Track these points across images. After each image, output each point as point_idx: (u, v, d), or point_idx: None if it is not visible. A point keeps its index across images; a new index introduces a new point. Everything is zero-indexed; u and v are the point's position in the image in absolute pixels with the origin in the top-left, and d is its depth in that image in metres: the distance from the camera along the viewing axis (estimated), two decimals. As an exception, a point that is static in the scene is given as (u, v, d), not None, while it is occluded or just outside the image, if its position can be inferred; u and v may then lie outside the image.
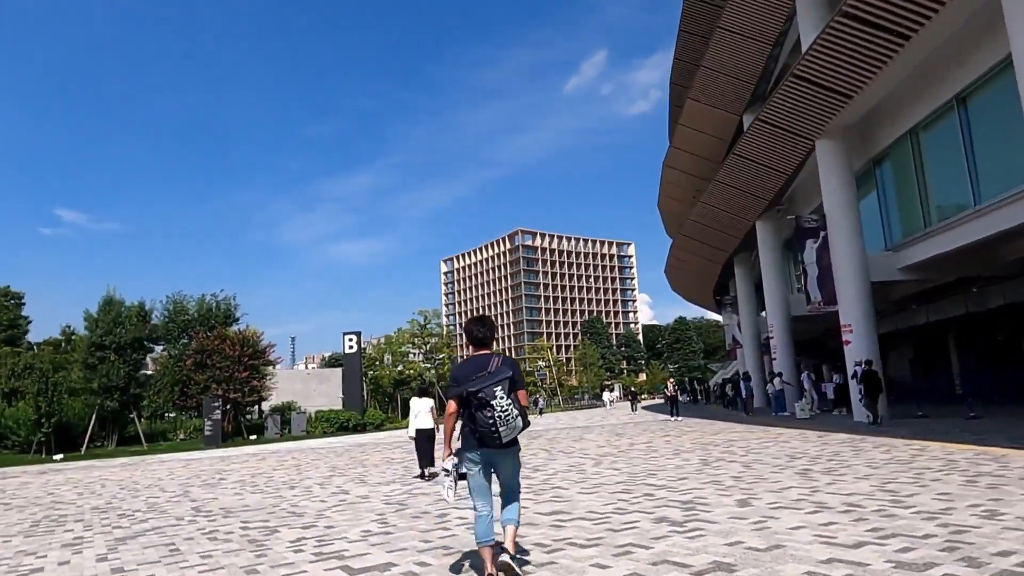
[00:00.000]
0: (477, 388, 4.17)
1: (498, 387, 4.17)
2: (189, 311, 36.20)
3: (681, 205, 40.70)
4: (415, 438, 11.15)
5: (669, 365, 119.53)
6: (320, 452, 19.96)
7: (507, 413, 4.15)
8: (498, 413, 4.13)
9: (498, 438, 4.17)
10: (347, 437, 29.57)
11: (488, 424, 4.14)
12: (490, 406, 4.13)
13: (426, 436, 11.09)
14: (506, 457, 4.38)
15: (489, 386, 4.16)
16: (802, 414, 20.48)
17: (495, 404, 4.13)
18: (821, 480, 7.93)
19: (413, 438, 11.19)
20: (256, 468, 15.49)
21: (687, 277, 43.12)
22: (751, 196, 25.29)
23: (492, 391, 4.15)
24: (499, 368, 4.29)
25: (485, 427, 4.15)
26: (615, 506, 7.12)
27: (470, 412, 4.24)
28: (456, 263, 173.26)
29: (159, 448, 27.37)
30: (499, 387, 4.18)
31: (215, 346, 29.85)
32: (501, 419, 4.13)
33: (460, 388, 4.29)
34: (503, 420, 4.14)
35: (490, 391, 4.15)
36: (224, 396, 29.19)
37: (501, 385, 4.19)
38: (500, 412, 4.13)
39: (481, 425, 4.16)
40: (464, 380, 4.31)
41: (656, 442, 15.47)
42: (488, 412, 4.13)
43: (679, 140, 33.39)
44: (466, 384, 4.26)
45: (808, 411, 20.50)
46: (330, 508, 8.36)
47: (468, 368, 4.39)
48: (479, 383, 4.20)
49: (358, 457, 16.87)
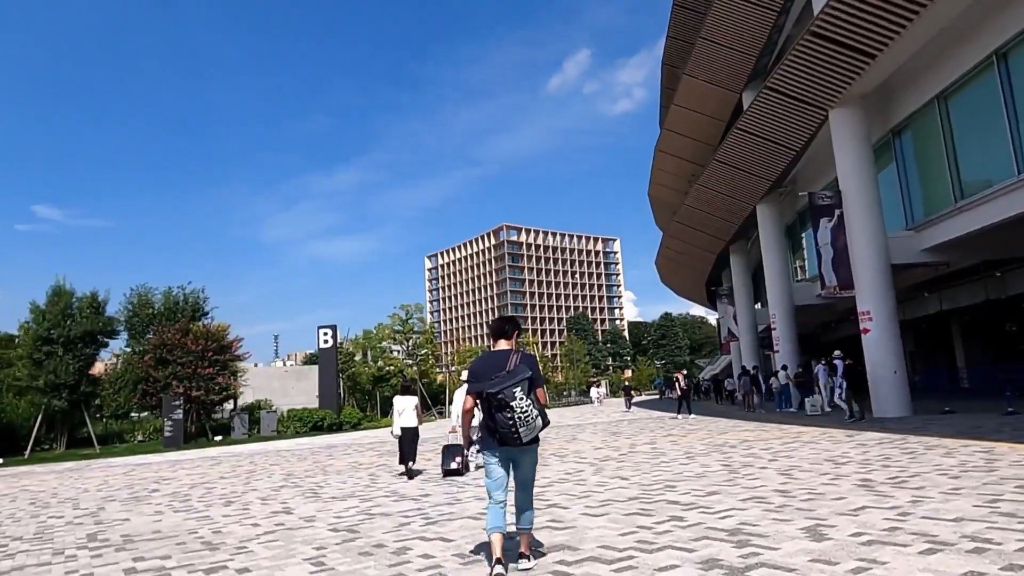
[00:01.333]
0: (497, 389, 4.12)
1: (517, 388, 4.13)
2: (154, 305, 33.89)
3: (673, 193, 38.96)
4: (400, 437, 10.64)
5: (655, 361, 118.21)
6: (284, 455, 17.94)
7: (527, 414, 4.13)
8: (518, 414, 4.10)
9: (518, 438, 4.15)
10: (320, 437, 27.53)
11: (508, 425, 4.12)
12: (509, 407, 4.09)
13: (411, 435, 10.64)
14: (525, 454, 4.38)
15: (508, 387, 4.12)
16: (813, 410, 18.77)
17: (515, 406, 4.09)
18: (898, 497, 6.10)
19: (398, 436, 10.67)
20: (203, 475, 13.46)
21: (679, 269, 41.40)
22: (753, 176, 23.54)
23: (511, 392, 4.11)
24: (518, 367, 4.24)
25: (505, 428, 4.13)
26: (636, 537, 5.24)
27: (489, 411, 4.21)
28: (440, 259, 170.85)
29: (113, 451, 25.17)
30: (518, 388, 4.13)
31: (176, 341, 27.64)
32: (521, 420, 4.11)
33: (479, 385, 4.29)
34: (523, 421, 4.11)
35: (509, 392, 4.10)
36: (186, 394, 27.00)
37: (520, 386, 4.14)
38: (520, 413, 4.10)
39: (501, 426, 4.14)
40: (482, 377, 4.29)
41: (661, 443, 13.63)
42: (508, 413, 4.10)
43: (672, 121, 31.61)
44: (484, 382, 4.23)
45: (820, 407, 18.79)
46: (259, 536, 6.41)
47: (487, 364, 4.37)
48: (498, 383, 4.15)
49: (322, 462, 14.88)
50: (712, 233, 30.74)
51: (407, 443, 10.60)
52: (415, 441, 10.71)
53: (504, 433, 4.15)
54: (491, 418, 4.20)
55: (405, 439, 10.62)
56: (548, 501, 7.18)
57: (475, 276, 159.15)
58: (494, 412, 4.15)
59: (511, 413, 4.08)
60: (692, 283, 44.29)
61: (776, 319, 24.77)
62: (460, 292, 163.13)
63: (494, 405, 4.14)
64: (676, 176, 37.29)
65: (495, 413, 4.14)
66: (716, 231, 30.11)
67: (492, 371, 4.26)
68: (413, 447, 10.65)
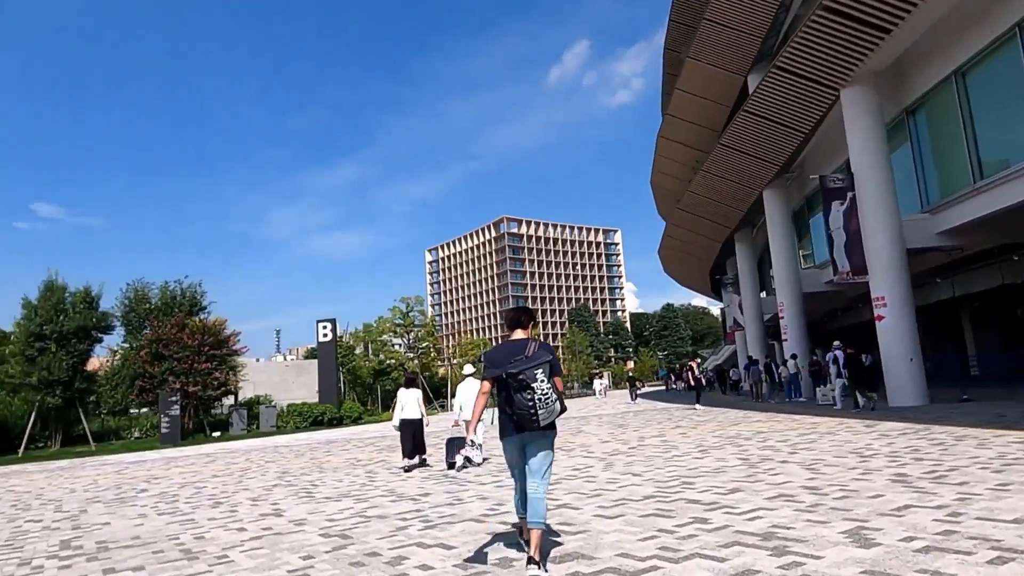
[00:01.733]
0: (518, 370, 4.08)
1: (539, 370, 4.09)
2: (151, 300, 33.35)
3: (676, 181, 38.34)
4: (399, 429, 10.58)
5: (658, 352, 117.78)
6: (281, 451, 17.45)
7: (547, 396, 4.08)
8: (538, 396, 4.05)
9: (536, 421, 4.10)
10: (320, 432, 27.06)
11: (528, 406, 4.06)
12: (530, 388, 4.06)
13: (414, 427, 10.53)
14: (540, 440, 4.32)
15: (529, 368, 4.09)
16: (824, 399, 18.22)
17: (535, 387, 4.05)
18: (942, 494, 5.57)
19: (398, 428, 10.60)
20: (195, 474, 12.96)
21: (683, 258, 40.79)
22: (760, 161, 22.94)
23: (533, 373, 4.07)
24: (537, 352, 4.23)
25: (524, 409, 4.08)
26: (659, 542, 4.71)
27: (508, 395, 4.18)
28: (441, 252, 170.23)
29: (109, 448, 24.69)
30: (539, 370, 4.10)
31: (172, 335, 27.12)
32: (540, 402, 4.06)
33: (497, 370, 4.22)
34: (542, 403, 4.07)
35: (531, 373, 4.07)
36: (183, 390, 26.50)
37: (542, 368, 4.11)
38: (540, 395, 4.06)
39: (520, 407, 4.09)
40: (500, 363, 4.24)
41: (670, 435, 13.11)
42: (528, 394, 4.06)
43: (675, 107, 30.96)
44: (503, 367, 4.18)
45: (832, 397, 18.25)
46: (244, 543, 5.89)
47: (504, 351, 4.34)
48: (519, 365, 4.11)
49: (320, 459, 14.38)
50: (717, 220, 30.15)
51: (408, 436, 10.48)
52: (420, 432, 10.62)
53: (522, 415, 4.09)
54: (509, 401, 4.16)
55: (405, 432, 10.49)
56: (558, 500, 6.66)
57: (476, 269, 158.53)
58: (514, 393, 4.10)
59: (531, 394, 4.04)
60: (696, 272, 43.71)
61: (784, 307, 24.22)
62: (461, 285, 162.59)
63: (514, 386, 4.09)
64: (679, 164, 36.66)
65: (515, 394, 4.09)
66: (721, 218, 29.52)
67: (510, 357, 4.23)
68: (420, 439, 10.61)
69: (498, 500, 7.07)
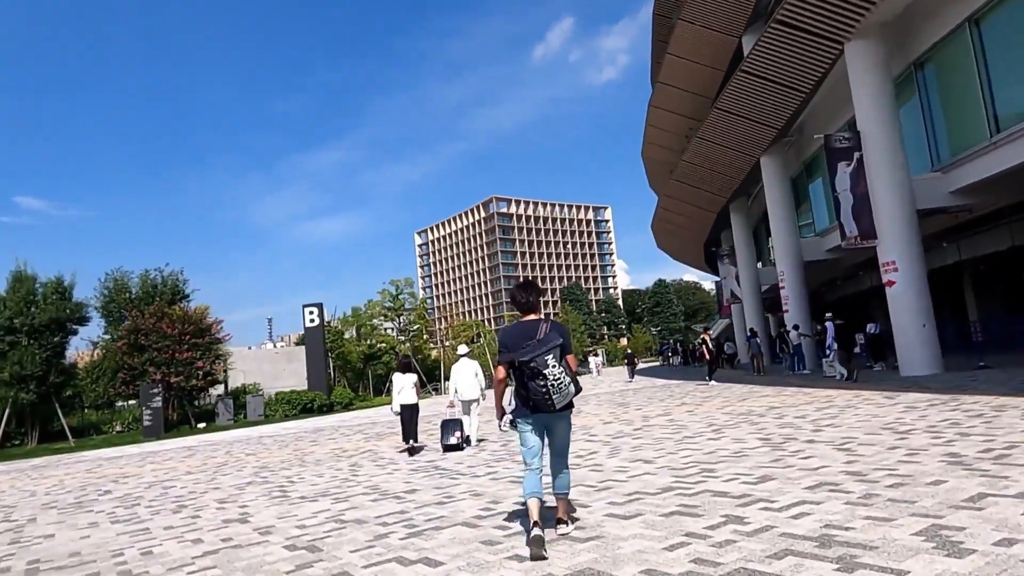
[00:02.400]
0: (529, 358, 4.06)
1: (549, 355, 4.07)
2: (131, 289, 32.20)
3: (668, 152, 37.35)
4: (400, 413, 10.72)
5: (651, 328, 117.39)
6: (264, 442, 16.57)
7: (559, 381, 4.06)
8: (551, 382, 4.04)
9: (552, 405, 4.11)
10: (309, 420, 26.22)
11: (541, 393, 4.06)
12: (542, 375, 4.04)
13: (410, 411, 10.67)
14: (559, 420, 4.34)
15: (540, 355, 4.05)
16: (830, 371, 17.46)
17: (547, 373, 4.04)
18: (1017, 479, 4.72)
19: (398, 413, 10.75)
20: (169, 471, 12.06)
21: (677, 231, 39.94)
22: (758, 125, 21.99)
23: (544, 360, 4.05)
24: (548, 335, 4.19)
25: (539, 396, 4.08)
26: (689, 551, 3.83)
27: (521, 379, 4.15)
28: (430, 234, 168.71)
29: (88, 444, 23.75)
30: (550, 355, 4.07)
31: (151, 325, 26.06)
32: (554, 387, 4.05)
33: (510, 355, 4.21)
34: (556, 388, 4.05)
35: (542, 360, 4.05)
36: (164, 381, 25.52)
37: (552, 353, 4.08)
38: (553, 380, 4.04)
39: (534, 394, 4.09)
40: (513, 346, 4.23)
41: (676, 413, 12.30)
42: (541, 381, 4.04)
43: (667, 74, 29.87)
44: (516, 351, 4.16)
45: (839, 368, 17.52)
46: (194, 560, 4.99)
47: (516, 334, 4.29)
48: (530, 351, 4.08)
49: (303, 449, 13.50)
50: (712, 191, 29.24)
51: (406, 419, 10.62)
52: (415, 417, 10.71)
53: (537, 401, 4.11)
54: (524, 386, 4.15)
55: (404, 416, 10.64)
56: (561, 496, 5.78)
57: (466, 250, 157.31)
58: (527, 380, 4.10)
59: (544, 381, 4.03)
60: (690, 246, 42.91)
61: (784, 276, 23.43)
62: (452, 267, 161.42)
63: (527, 374, 4.08)
64: (671, 134, 35.64)
65: (528, 381, 4.09)
66: (717, 188, 28.61)
67: (522, 340, 4.20)
68: (414, 424, 10.66)
69: (493, 497, 6.21)
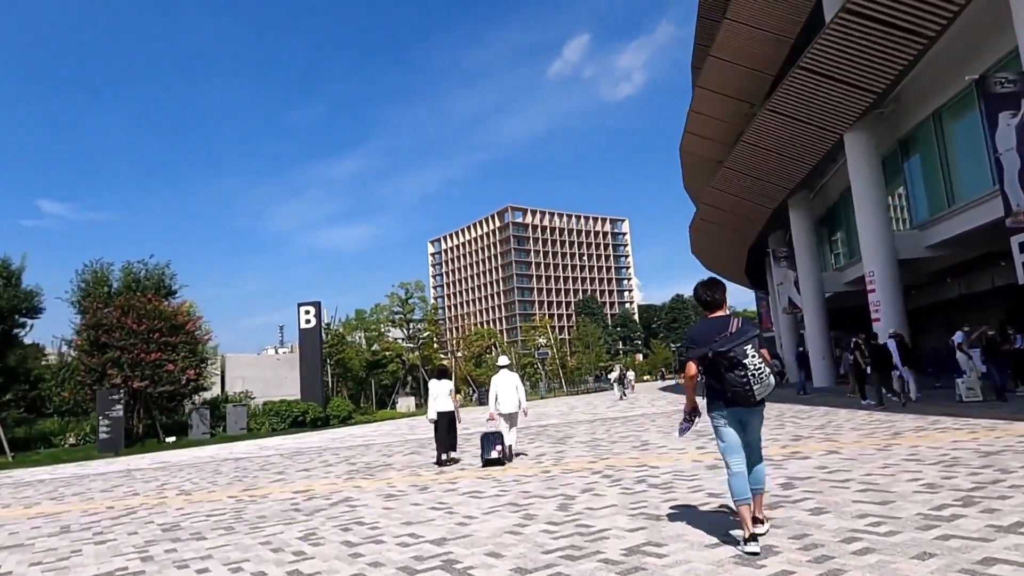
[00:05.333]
0: (727, 348, 3.98)
1: (748, 346, 4.00)
2: (111, 282, 28.52)
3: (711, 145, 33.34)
4: (436, 421, 10.27)
5: (670, 344, 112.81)
6: (223, 469, 12.58)
7: (760, 371, 3.99)
8: (751, 371, 3.97)
9: (752, 396, 4.01)
10: (297, 436, 22.26)
11: (742, 383, 3.99)
12: (742, 365, 3.97)
13: (447, 419, 10.26)
14: (754, 414, 4.24)
15: (739, 345, 3.98)
16: (971, 394, 13.23)
17: (747, 363, 3.97)
18: None
19: (434, 421, 10.31)
20: (64, 513, 8.06)
21: (719, 231, 35.57)
22: (849, 88, 17.92)
23: (743, 350, 3.98)
24: (741, 328, 4.08)
25: (739, 386, 4.00)
26: None
27: (717, 372, 4.08)
28: (444, 243, 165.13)
29: (30, 459, 19.84)
30: (749, 346, 4.00)
31: (116, 320, 22.25)
32: (755, 377, 3.98)
33: (702, 349, 4.12)
34: (757, 378, 3.99)
35: (741, 350, 3.97)
36: (127, 386, 21.65)
37: (751, 343, 4.02)
38: (753, 370, 3.97)
39: (734, 384, 4.01)
40: (704, 342, 4.15)
41: (836, 462, 8.15)
42: (741, 371, 3.98)
43: (723, 44, 25.87)
44: (708, 345, 4.09)
45: (977, 389, 13.30)
46: None
47: (706, 330, 4.23)
48: (727, 343, 4.01)
49: (259, 487, 9.48)
50: (772, 181, 25.10)
51: (443, 428, 10.20)
52: (452, 425, 10.34)
53: (737, 392, 4.01)
54: (719, 379, 4.07)
55: (441, 424, 10.22)
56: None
57: (480, 260, 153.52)
58: (724, 372, 4.01)
59: (744, 371, 3.97)
60: (730, 251, 38.56)
61: (874, 277, 19.22)
62: (465, 277, 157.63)
63: (724, 365, 4.00)
64: (717, 122, 31.63)
65: (726, 373, 4.01)
66: (777, 177, 24.46)
67: (713, 335, 4.10)
68: (450, 434, 10.29)
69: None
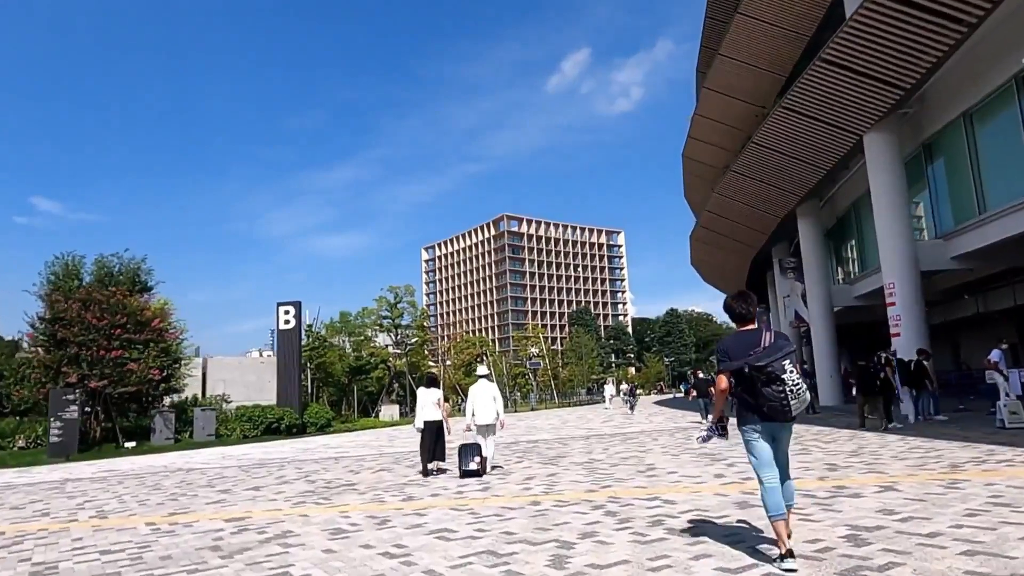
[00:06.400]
0: (765, 363, 3.97)
1: (786, 361, 4.00)
2: (82, 276, 26.85)
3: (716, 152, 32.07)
4: (423, 431, 10.03)
5: (664, 359, 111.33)
6: (164, 483, 10.96)
7: (798, 386, 3.99)
8: (789, 387, 3.96)
9: (788, 411, 4.00)
10: (267, 444, 20.64)
11: (779, 398, 3.97)
12: (780, 380, 3.96)
13: (435, 429, 10.07)
14: (786, 430, 4.25)
15: (778, 360, 3.97)
16: (1015, 419, 11.76)
17: (786, 378, 3.96)
18: None
19: (420, 430, 10.09)
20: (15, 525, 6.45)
21: (721, 242, 34.27)
22: (874, 83, 16.58)
23: (781, 365, 3.97)
24: (777, 342, 4.08)
25: (776, 401, 3.98)
26: None
27: (752, 386, 4.06)
28: (438, 251, 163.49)
29: (-29, 463, 18.10)
30: (787, 361, 4.00)
31: (75, 314, 20.60)
32: (793, 392, 3.97)
33: (737, 363, 4.10)
34: (794, 394, 3.98)
35: (779, 365, 3.97)
36: (84, 385, 19.96)
37: (789, 359, 4.02)
38: (792, 386, 3.96)
39: (771, 399, 4.00)
40: (738, 355, 4.12)
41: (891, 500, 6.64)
42: (779, 386, 3.97)
43: (733, 43, 24.59)
44: (744, 359, 4.07)
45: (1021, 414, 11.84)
46: None
47: (740, 343, 4.19)
48: (765, 357, 3.99)
49: (192, 510, 7.87)
50: (782, 186, 23.80)
51: (430, 438, 10.00)
52: (440, 436, 10.14)
53: (773, 407, 4.00)
54: (754, 393, 4.06)
55: (428, 433, 9.99)
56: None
57: (474, 268, 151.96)
58: (761, 387, 4.00)
59: (782, 386, 3.95)
60: (735, 260, 37.21)
61: (895, 289, 17.82)
62: (458, 284, 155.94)
63: (761, 379, 3.99)
64: (724, 126, 30.37)
65: (763, 387, 3.99)
66: (791, 181, 23.13)
67: (747, 348, 4.09)
68: (439, 444, 10.12)
69: None
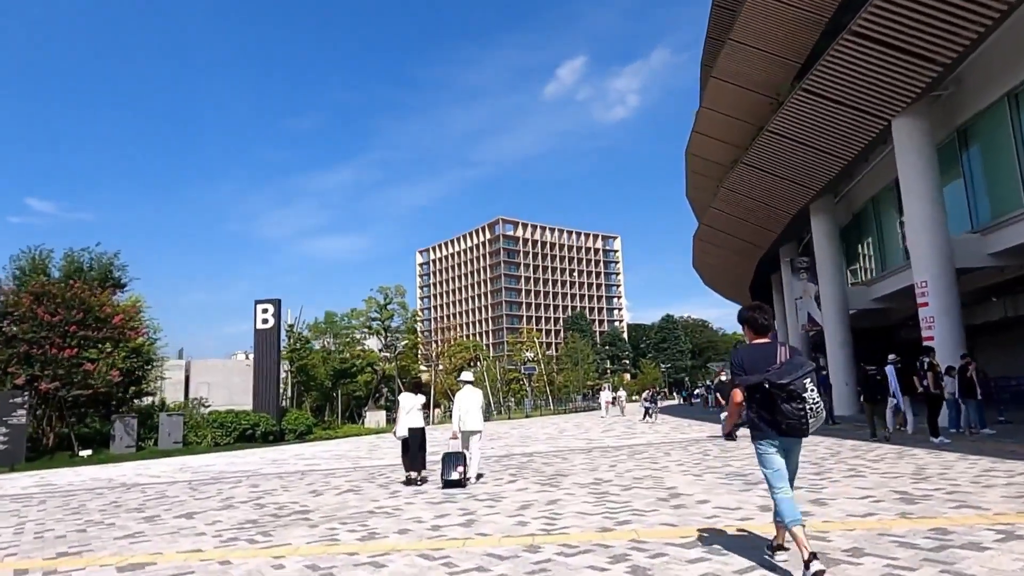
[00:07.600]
0: (787, 380, 3.99)
1: (807, 379, 4.03)
2: (50, 271, 25.03)
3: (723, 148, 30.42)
4: (406, 439, 9.84)
5: (661, 365, 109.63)
6: (90, 508, 9.18)
7: (817, 405, 4.02)
8: (810, 405, 3.99)
9: (806, 429, 4.05)
10: (238, 453, 18.86)
11: (799, 416, 4.00)
12: (801, 398, 3.98)
13: (418, 438, 9.85)
14: (798, 443, 4.33)
15: (800, 378, 4.00)
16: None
17: (807, 397, 3.98)
18: None
19: (403, 438, 9.86)
20: None
21: (727, 242, 32.60)
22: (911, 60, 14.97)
23: (803, 383, 3.99)
24: (793, 360, 4.14)
25: (795, 418, 4.02)
26: None
27: (771, 403, 4.09)
28: (432, 254, 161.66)
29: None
30: (808, 379, 4.03)
31: (26, 309, 18.79)
32: (812, 411, 4.00)
33: (755, 378, 4.15)
34: (814, 412, 4.01)
35: (801, 384, 3.99)
36: (33, 387, 18.14)
37: (810, 377, 4.04)
38: (812, 404, 4.00)
39: (790, 416, 4.03)
40: (753, 369, 4.20)
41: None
42: (799, 404, 3.99)
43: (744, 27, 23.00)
44: (763, 375, 4.11)
45: None
46: None
47: (756, 357, 4.26)
48: (787, 374, 4.02)
49: (107, 544, 6.12)
50: (796, 179, 22.19)
51: (413, 446, 9.77)
52: (422, 447, 9.90)
53: (792, 424, 4.03)
54: (772, 409, 4.08)
55: (412, 442, 9.77)
56: None
57: (469, 272, 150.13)
58: (780, 403, 4.02)
59: (802, 404, 3.97)
60: (740, 262, 35.54)
61: (927, 288, 16.17)
62: (452, 288, 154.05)
63: (782, 396, 4.01)
64: (731, 120, 28.72)
65: (782, 404, 4.01)
66: (807, 174, 21.51)
67: (763, 363, 4.15)
68: (420, 453, 9.83)
69: None
